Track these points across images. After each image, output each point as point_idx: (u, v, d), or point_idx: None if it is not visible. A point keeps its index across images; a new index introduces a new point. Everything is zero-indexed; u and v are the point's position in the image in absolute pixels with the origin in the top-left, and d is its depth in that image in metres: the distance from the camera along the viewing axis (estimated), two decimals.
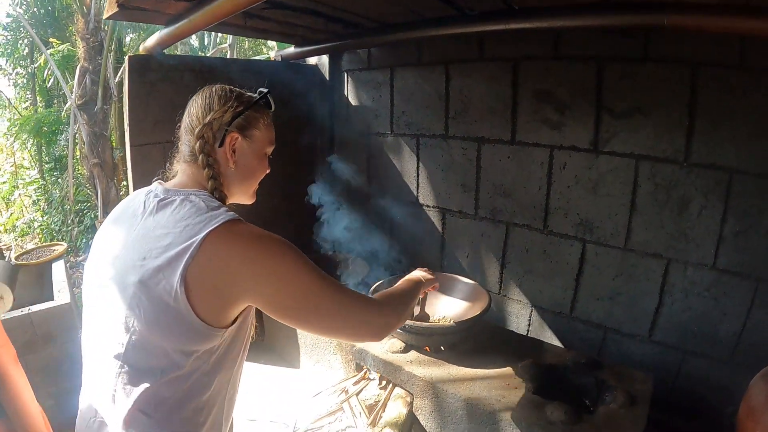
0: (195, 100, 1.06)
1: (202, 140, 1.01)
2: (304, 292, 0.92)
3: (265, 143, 1.10)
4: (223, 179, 1.03)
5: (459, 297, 2.42)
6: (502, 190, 2.67)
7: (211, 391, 0.94)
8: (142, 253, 0.88)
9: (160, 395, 0.88)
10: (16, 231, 8.81)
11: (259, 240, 0.89)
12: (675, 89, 2.05)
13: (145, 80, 2.54)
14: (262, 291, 0.89)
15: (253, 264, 0.87)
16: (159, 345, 0.87)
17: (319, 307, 0.94)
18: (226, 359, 0.96)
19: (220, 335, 0.90)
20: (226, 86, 1.08)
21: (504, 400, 1.86)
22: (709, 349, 2.14)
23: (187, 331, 0.86)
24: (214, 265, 0.85)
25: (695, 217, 2.08)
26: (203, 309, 0.85)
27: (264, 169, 1.13)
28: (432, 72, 2.83)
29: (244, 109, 1.04)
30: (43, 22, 8.48)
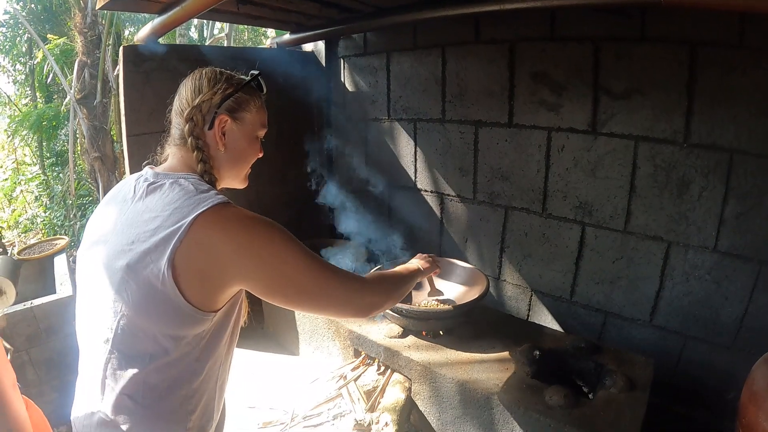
0: (185, 82, 1.05)
1: (191, 123, 0.99)
2: (292, 274, 0.91)
3: (256, 126, 1.07)
4: (213, 162, 1.02)
5: (457, 281, 2.41)
6: (500, 174, 2.65)
7: (201, 377, 0.93)
8: (130, 237, 0.87)
9: (149, 382, 0.88)
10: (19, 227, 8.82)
11: (248, 223, 0.88)
12: (673, 69, 2.01)
13: (140, 70, 2.53)
14: (250, 275, 0.88)
15: (241, 248, 0.86)
16: (147, 330, 0.86)
17: (306, 288, 0.94)
18: (216, 344, 0.95)
19: (210, 319, 0.89)
20: (217, 68, 1.06)
21: (502, 384, 1.84)
22: (711, 333, 2.11)
23: (175, 315, 0.85)
24: (203, 249, 0.84)
25: (696, 199, 2.05)
26: (191, 292, 0.85)
27: (255, 152, 1.10)
28: (428, 56, 2.80)
29: (234, 91, 1.02)
30: (41, 18, 8.47)
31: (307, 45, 3.43)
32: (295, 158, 3.43)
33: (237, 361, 2.61)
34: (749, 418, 1.33)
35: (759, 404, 1.31)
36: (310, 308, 1.01)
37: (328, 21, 2.88)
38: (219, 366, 0.99)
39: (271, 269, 0.90)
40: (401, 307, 2.06)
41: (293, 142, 3.39)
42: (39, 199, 9.14)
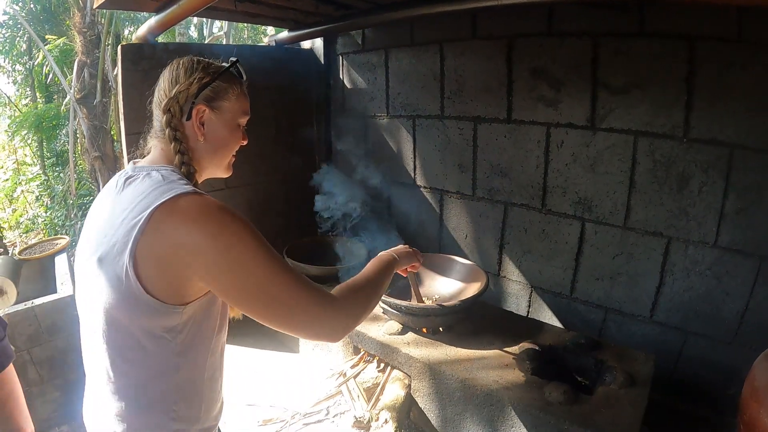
0: (164, 73, 1.03)
1: (168, 114, 0.97)
2: (254, 276, 0.86)
3: (236, 114, 1.04)
4: (193, 153, 1.00)
5: (457, 278, 2.40)
6: (499, 170, 2.64)
7: (184, 371, 0.93)
8: (104, 231, 0.87)
9: (131, 373, 0.89)
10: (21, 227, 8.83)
11: (213, 213, 0.84)
12: (672, 64, 2.00)
13: (138, 69, 2.53)
14: (208, 269, 0.84)
15: (204, 238, 0.83)
16: (121, 322, 0.86)
17: (272, 295, 0.87)
18: (199, 340, 0.94)
19: (179, 313, 0.87)
20: (195, 57, 1.03)
21: (502, 381, 1.84)
22: (712, 329, 2.10)
23: (140, 307, 0.84)
24: (163, 239, 0.82)
25: (696, 194, 2.04)
26: (153, 284, 0.83)
27: (237, 140, 1.07)
28: (426, 52, 2.79)
29: (211, 80, 0.99)
30: (40, 18, 8.45)
31: (305, 42, 3.42)
32: (294, 156, 3.42)
33: (237, 359, 2.63)
34: (750, 414, 1.32)
35: (760, 400, 1.30)
36: (274, 320, 0.90)
37: (326, 18, 2.87)
38: (205, 361, 0.97)
39: (234, 265, 0.84)
40: (400, 304, 2.06)
41: (292, 140, 3.39)
42: (40, 199, 9.14)
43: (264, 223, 3.30)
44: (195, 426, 0.98)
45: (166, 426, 0.93)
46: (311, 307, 0.89)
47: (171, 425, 0.93)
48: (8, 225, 8.79)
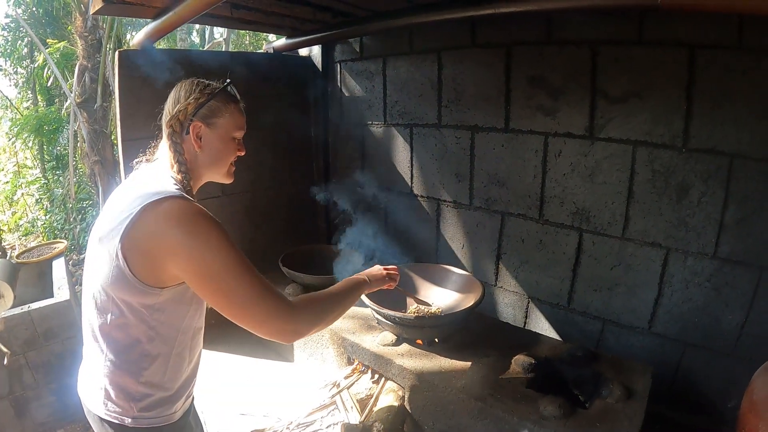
0: (171, 93, 1.22)
1: (170, 130, 1.17)
2: (216, 269, 1.02)
3: (230, 129, 1.23)
4: (192, 163, 1.20)
5: (453, 288, 2.37)
6: (496, 179, 2.61)
7: (155, 343, 1.10)
8: (110, 217, 1.06)
9: (112, 335, 1.08)
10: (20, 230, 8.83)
11: (188, 215, 1.02)
12: (672, 72, 1.98)
13: (136, 75, 2.50)
14: (180, 261, 1.01)
15: (175, 234, 1.00)
16: (110, 293, 1.05)
17: (228, 287, 1.03)
18: (172, 319, 1.11)
19: (156, 293, 1.05)
20: (196, 79, 1.22)
21: (496, 394, 1.80)
22: (711, 341, 2.07)
23: (125, 283, 1.02)
24: (146, 231, 1.00)
25: (695, 205, 2.01)
26: (137, 267, 1.01)
27: (232, 151, 1.26)
28: (424, 60, 2.77)
29: (206, 101, 1.18)
30: (42, 22, 8.48)
31: (303, 50, 3.41)
32: (292, 164, 3.42)
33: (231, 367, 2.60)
34: (749, 428, 1.29)
35: (759, 414, 1.27)
36: (229, 311, 1.06)
37: (324, 25, 2.85)
38: (176, 337, 1.14)
39: (201, 259, 1.01)
40: (394, 315, 2.03)
41: (289, 147, 3.37)
42: (40, 203, 9.15)
43: (262, 230, 3.29)
44: (159, 393, 1.15)
45: (133, 387, 1.11)
46: (264, 302, 1.05)
47: (138, 387, 1.11)
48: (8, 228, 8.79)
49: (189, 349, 1.20)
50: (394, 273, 1.59)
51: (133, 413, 1.12)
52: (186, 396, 1.25)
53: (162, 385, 1.15)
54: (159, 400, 1.15)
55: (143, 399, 1.12)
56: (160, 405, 1.16)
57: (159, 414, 1.16)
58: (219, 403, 2.37)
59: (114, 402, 1.11)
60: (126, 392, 1.11)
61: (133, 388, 1.11)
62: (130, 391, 1.11)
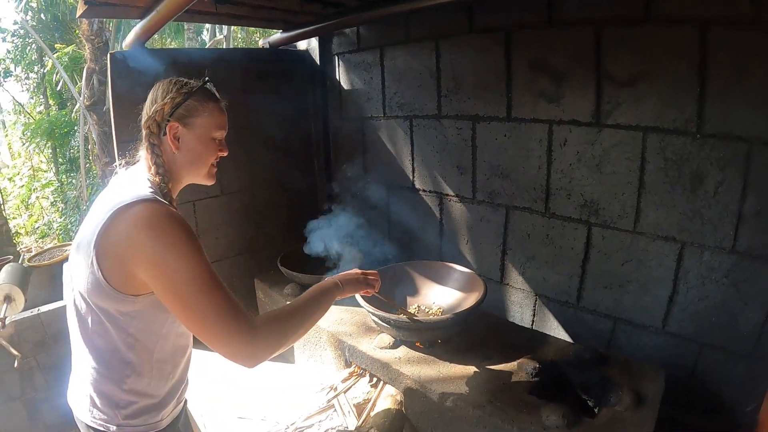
0: (149, 93, 1.19)
1: (147, 131, 1.14)
2: (179, 280, 0.98)
3: (209, 129, 1.19)
4: (170, 164, 1.16)
5: (455, 287, 2.27)
6: (499, 171, 2.50)
7: (135, 350, 1.07)
8: (86, 226, 1.04)
9: (94, 343, 1.07)
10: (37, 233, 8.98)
11: (157, 220, 0.99)
12: (682, 52, 1.83)
13: (128, 76, 2.47)
14: (146, 267, 0.97)
15: (142, 239, 0.97)
16: (88, 300, 1.03)
17: (188, 301, 0.98)
18: (152, 326, 1.08)
19: (131, 301, 1.02)
20: (174, 78, 1.19)
21: (497, 401, 1.69)
22: (728, 341, 1.94)
23: (100, 291, 1.00)
24: (116, 236, 0.98)
25: (711, 195, 1.88)
26: (109, 273, 0.99)
27: (211, 152, 1.22)
28: (422, 49, 2.67)
29: (183, 101, 1.14)
30: (51, 27, 8.60)
31: (301, 43, 3.33)
32: (292, 161, 3.35)
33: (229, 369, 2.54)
34: None
35: None
36: (188, 324, 1.03)
37: (317, 17, 2.76)
38: (156, 344, 1.11)
39: (164, 267, 0.97)
40: (389, 317, 1.93)
41: (289, 145, 3.31)
42: (55, 205, 9.29)
43: (263, 229, 3.25)
44: (144, 400, 1.12)
45: (117, 395, 1.09)
46: (224, 323, 0.99)
47: (121, 395, 1.09)
48: (25, 231, 8.94)
49: (172, 354, 1.17)
50: (372, 279, 1.51)
51: (118, 420, 1.10)
52: (175, 402, 1.22)
53: (146, 392, 1.12)
54: (144, 407, 1.13)
55: (128, 406, 1.10)
56: (146, 412, 1.13)
57: (145, 422, 1.13)
58: (218, 406, 2.32)
59: (99, 409, 1.10)
60: (110, 400, 1.10)
61: (117, 395, 1.09)
62: (114, 399, 1.09)
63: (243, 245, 3.17)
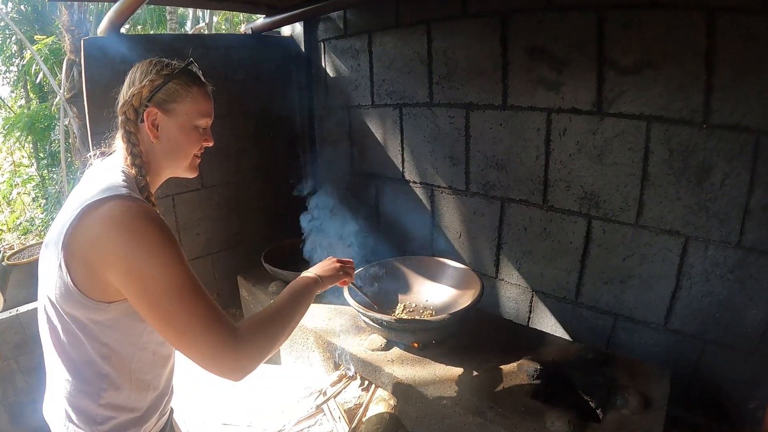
0: (127, 75, 1.09)
1: (123, 117, 1.04)
2: (155, 288, 0.88)
3: (191, 116, 1.08)
4: (148, 155, 1.06)
5: (449, 284, 2.18)
6: (494, 162, 2.40)
7: (111, 361, 0.97)
8: (55, 224, 0.94)
9: (67, 354, 0.96)
10: (19, 229, 8.80)
11: (130, 219, 0.89)
12: (689, 38, 1.74)
13: (103, 64, 2.34)
14: (117, 272, 0.88)
15: (114, 240, 0.87)
16: (58, 307, 0.93)
17: (166, 312, 0.89)
18: (128, 336, 0.98)
19: (103, 309, 0.92)
20: (155, 59, 1.08)
21: (498, 406, 1.59)
22: (732, 338, 1.88)
23: (70, 297, 0.90)
24: (85, 236, 0.88)
25: (717, 188, 1.80)
26: (78, 278, 0.89)
27: (194, 142, 1.11)
28: (412, 34, 2.55)
29: (163, 83, 1.03)
30: (30, 19, 8.41)
31: (285, 29, 3.20)
32: (277, 152, 3.23)
33: None
34: None
35: None
36: (167, 337, 0.93)
37: (302, 0, 2.63)
38: (134, 354, 1.01)
39: (138, 273, 0.88)
40: (381, 318, 1.82)
41: (273, 134, 3.19)
42: (36, 200, 9.12)
43: (245, 224, 3.14)
44: (123, 415, 1.02)
45: (94, 410, 0.99)
46: (207, 336, 0.90)
47: (98, 410, 0.99)
48: (7, 227, 8.76)
49: (152, 365, 1.07)
50: (348, 267, 1.42)
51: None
52: (158, 416, 1.12)
53: (126, 406, 1.03)
54: (124, 422, 1.03)
55: (106, 422, 1.00)
56: (126, 428, 1.03)
57: None
58: (202, 411, 2.23)
59: (75, 425, 0.99)
60: (86, 415, 0.99)
61: (94, 410, 0.99)
62: (91, 414, 0.99)
63: (225, 241, 3.05)
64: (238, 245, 3.10)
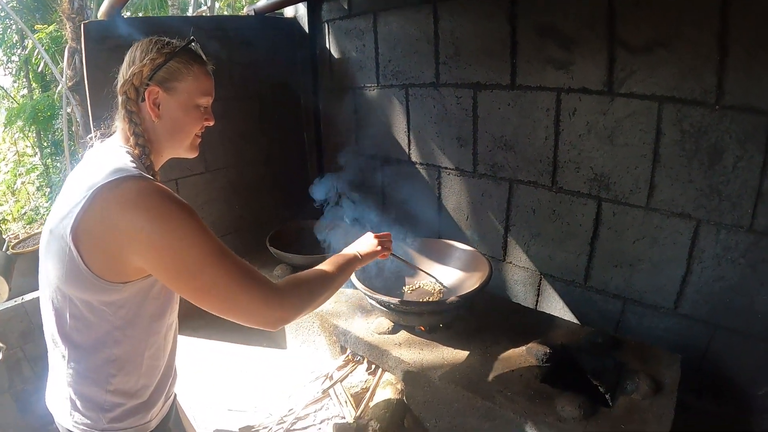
0: (126, 54, 1.07)
1: (124, 96, 1.03)
2: (190, 259, 0.89)
3: (193, 95, 1.07)
4: (150, 134, 1.05)
5: (457, 266, 2.16)
6: (503, 143, 2.36)
7: (122, 346, 0.97)
8: (62, 204, 0.92)
9: (73, 340, 0.95)
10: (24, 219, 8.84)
11: (149, 197, 0.88)
12: (702, 17, 1.69)
13: (104, 47, 2.34)
14: (146, 251, 0.87)
15: (136, 221, 0.86)
16: (66, 292, 0.92)
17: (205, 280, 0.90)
18: (141, 318, 0.98)
19: (118, 290, 0.91)
20: (155, 38, 1.07)
21: (506, 390, 1.58)
22: (743, 323, 1.84)
23: (80, 280, 0.89)
24: (101, 219, 0.86)
25: (730, 170, 1.75)
26: (92, 260, 0.88)
27: (195, 121, 1.10)
28: (418, 12, 2.49)
29: (164, 61, 1.02)
30: (31, 8, 8.37)
31: (288, 10, 3.15)
32: (281, 134, 3.20)
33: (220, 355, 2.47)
34: None
35: None
36: (209, 305, 0.93)
37: None
38: (147, 338, 1.02)
39: (170, 249, 0.88)
40: (389, 301, 1.80)
41: (277, 117, 3.15)
42: (41, 189, 9.14)
43: (249, 208, 3.12)
44: (131, 401, 1.02)
45: (101, 396, 0.98)
46: (248, 293, 0.92)
47: (106, 396, 0.99)
48: (12, 217, 8.79)
49: (162, 349, 1.08)
50: (386, 240, 1.48)
51: (103, 425, 1.01)
52: (164, 399, 1.13)
53: (134, 392, 1.03)
54: (131, 408, 1.03)
55: (113, 409, 1.00)
56: (133, 414, 1.04)
57: (132, 424, 1.04)
58: (207, 397, 2.23)
59: (81, 413, 1.00)
60: (93, 402, 0.99)
61: (101, 397, 0.99)
62: (98, 401, 0.99)
63: (229, 225, 3.03)
64: (243, 229, 3.08)
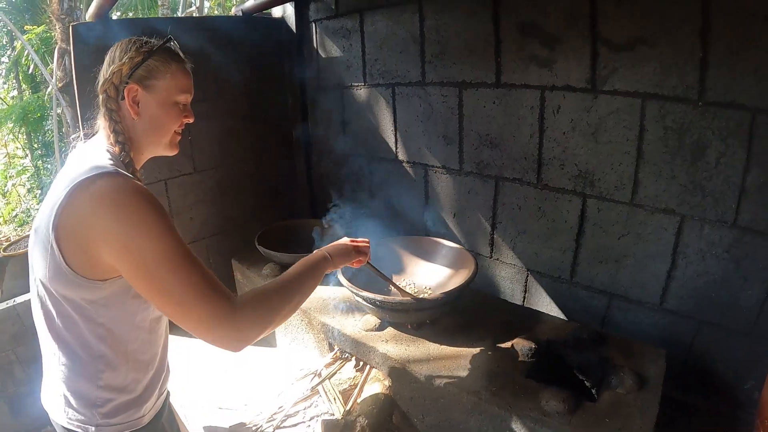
0: (107, 55, 1.09)
1: (104, 95, 1.05)
2: (151, 261, 0.88)
3: (171, 92, 1.09)
4: (130, 132, 1.07)
5: (443, 263, 2.17)
6: (488, 141, 2.37)
7: (107, 342, 0.98)
8: (44, 207, 0.94)
9: (62, 337, 0.97)
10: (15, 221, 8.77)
11: (122, 195, 0.89)
12: (684, 14, 1.70)
13: (92, 49, 2.30)
14: (111, 248, 0.88)
15: (107, 217, 0.87)
16: (51, 290, 0.93)
17: (163, 284, 0.89)
18: (124, 315, 0.99)
19: (99, 287, 0.92)
20: (134, 37, 1.09)
21: (492, 385, 1.59)
22: (728, 318, 1.87)
23: (63, 278, 0.90)
24: (77, 215, 0.87)
25: (713, 166, 1.77)
26: (73, 259, 0.89)
27: (174, 118, 1.11)
28: (404, 12, 2.50)
29: (143, 60, 1.04)
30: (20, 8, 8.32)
31: (275, 10, 3.15)
32: (268, 134, 3.21)
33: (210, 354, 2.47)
34: None
35: None
36: (165, 310, 0.93)
37: None
38: (132, 333, 1.02)
39: (133, 248, 0.88)
40: (375, 298, 1.81)
41: (265, 117, 3.16)
42: (32, 191, 9.08)
43: (238, 207, 3.12)
44: (123, 396, 1.03)
45: (93, 392, 1.00)
46: (205, 305, 0.89)
47: (97, 392, 1.00)
48: (3, 219, 8.73)
49: (149, 344, 1.08)
50: (363, 246, 1.40)
51: (97, 420, 1.02)
52: (157, 394, 1.13)
53: (124, 387, 1.04)
54: (123, 404, 1.04)
55: (105, 404, 1.02)
56: (126, 409, 1.05)
57: (125, 419, 1.05)
58: (197, 395, 2.24)
59: (74, 409, 1.01)
60: (85, 398, 1.00)
61: (93, 393, 1.00)
62: (90, 397, 1.00)
63: (218, 225, 3.03)
64: (232, 228, 3.08)
